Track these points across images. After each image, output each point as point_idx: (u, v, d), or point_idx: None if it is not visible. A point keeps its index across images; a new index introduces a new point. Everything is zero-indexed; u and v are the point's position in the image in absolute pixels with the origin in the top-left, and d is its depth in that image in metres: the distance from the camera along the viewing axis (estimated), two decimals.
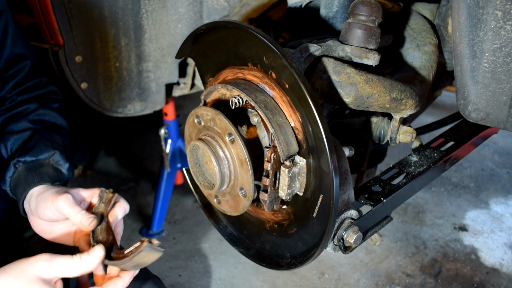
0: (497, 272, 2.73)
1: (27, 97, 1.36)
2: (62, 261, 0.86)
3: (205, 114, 0.94)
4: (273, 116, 0.88)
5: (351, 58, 1.03)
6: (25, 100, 1.36)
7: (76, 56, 1.80)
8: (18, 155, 1.25)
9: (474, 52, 0.94)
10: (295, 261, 0.98)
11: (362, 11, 1.01)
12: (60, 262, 0.86)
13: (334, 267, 2.75)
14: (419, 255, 2.88)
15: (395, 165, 1.24)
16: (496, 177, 3.79)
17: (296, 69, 0.80)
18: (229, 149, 0.91)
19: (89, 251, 0.90)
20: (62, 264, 0.86)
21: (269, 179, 0.89)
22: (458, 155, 1.35)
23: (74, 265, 0.87)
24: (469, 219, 3.26)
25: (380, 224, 1.08)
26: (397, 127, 1.16)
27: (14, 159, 1.25)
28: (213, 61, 1.04)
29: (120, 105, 2.04)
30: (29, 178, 1.21)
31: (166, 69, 2.06)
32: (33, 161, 1.25)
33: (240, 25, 0.88)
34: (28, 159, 1.24)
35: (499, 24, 0.88)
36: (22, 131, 1.30)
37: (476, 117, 1.01)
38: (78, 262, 0.88)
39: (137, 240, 0.89)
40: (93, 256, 0.89)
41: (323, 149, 0.80)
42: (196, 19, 1.95)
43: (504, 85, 0.93)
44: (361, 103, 1.02)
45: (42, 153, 1.26)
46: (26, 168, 1.23)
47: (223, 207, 1.03)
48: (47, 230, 1.10)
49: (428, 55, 1.23)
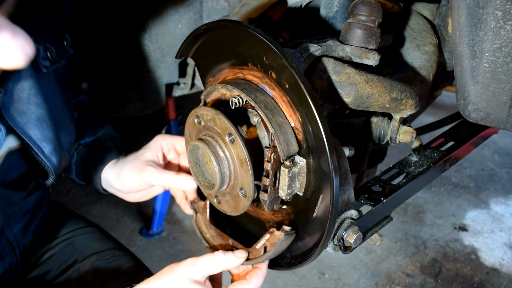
0: (497, 272, 2.73)
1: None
2: (206, 259, 0.94)
3: (205, 114, 0.94)
4: (273, 116, 0.88)
5: (351, 58, 1.03)
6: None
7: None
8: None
9: (474, 52, 0.94)
10: (295, 261, 0.98)
11: (362, 11, 1.01)
12: (204, 261, 0.94)
13: (334, 267, 2.75)
14: (419, 255, 2.88)
15: (395, 165, 1.24)
16: (496, 177, 3.79)
17: (296, 69, 0.80)
18: (229, 149, 0.91)
19: (235, 251, 0.98)
20: (207, 262, 0.94)
21: (269, 179, 0.89)
22: (458, 155, 1.35)
23: (218, 262, 0.95)
24: (469, 219, 3.26)
25: (380, 224, 1.08)
26: (397, 127, 1.16)
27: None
28: (213, 61, 1.04)
29: (120, 105, 2.04)
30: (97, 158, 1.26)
31: (166, 69, 2.06)
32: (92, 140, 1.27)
33: (240, 25, 0.88)
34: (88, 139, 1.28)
35: (499, 24, 0.88)
36: None
37: (476, 117, 1.01)
38: (222, 259, 0.95)
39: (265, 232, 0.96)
40: (238, 255, 0.97)
41: (323, 149, 0.80)
42: (196, 19, 1.95)
43: (504, 85, 0.93)
44: (361, 103, 1.02)
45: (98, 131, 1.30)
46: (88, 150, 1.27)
47: (223, 207, 1.03)
48: (142, 198, 1.23)
49: (428, 55, 1.23)
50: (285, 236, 0.92)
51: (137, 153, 1.21)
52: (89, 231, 1.42)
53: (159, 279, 0.92)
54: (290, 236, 0.93)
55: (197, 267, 0.92)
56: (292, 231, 0.93)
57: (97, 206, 3.49)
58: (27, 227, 1.17)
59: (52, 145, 1.04)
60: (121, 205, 3.46)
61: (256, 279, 0.97)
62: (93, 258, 1.31)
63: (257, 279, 0.97)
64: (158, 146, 1.20)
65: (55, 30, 1.09)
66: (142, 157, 1.18)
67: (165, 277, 0.92)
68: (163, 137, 1.21)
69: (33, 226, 1.20)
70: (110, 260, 1.31)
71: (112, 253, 1.35)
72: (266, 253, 0.95)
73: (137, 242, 3.04)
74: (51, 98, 1.07)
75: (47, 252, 1.33)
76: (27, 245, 1.19)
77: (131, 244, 3.00)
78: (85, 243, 1.36)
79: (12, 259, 1.14)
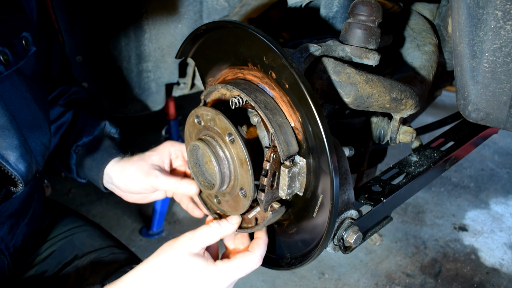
0: (497, 272, 2.73)
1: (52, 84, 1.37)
2: (203, 231, 0.96)
3: (205, 114, 0.94)
4: (273, 116, 0.88)
5: (351, 58, 1.03)
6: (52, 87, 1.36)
7: (76, 56, 1.80)
8: (73, 140, 1.26)
9: (474, 52, 0.94)
10: (295, 261, 0.98)
11: (362, 11, 1.01)
12: (201, 233, 0.96)
13: (334, 267, 2.75)
14: (419, 255, 2.88)
15: (395, 165, 1.24)
16: (496, 177, 3.79)
17: (296, 69, 0.80)
18: (229, 149, 0.91)
19: (228, 218, 1.00)
20: (204, 234, 0.96)
21: (266, 179, 0.89)
22: (458, 155, 1.35)
23: (214, 231, 0.97)
24: (469, 219, 3.26)
25: (380, 224, 1.08)
26: (397, 127, 1.16)
27: (71, 145, 1.25)
28: (213, 61, 1.04)
29: (120, 105, 2.04)
30: (97, 158, 1.26)
31: (166, 69, 2.06)
32: (90, 140, 1.27)
33: (240, 25, 0.88)
34: (85, 140, 1.27)
35: (499, 24, 0.88)
36: (59, 117, 1.31)
37: (476, 117, 1.01)
38: (218, 228, 0.98)
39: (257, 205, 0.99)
40: (232, 221, 1.00)
41: (323, 149, 0.80)
42: (196, 19, 1.95)
43: (504, 85, 0.93)
44: (361, 103, 1.02)
45: (95, 130, 1.28)
46: (87, 150, 1.27)
47: (223, 207, 1.03)
48: (141, 200, 1.23)
49: (428, 55, 1.23)
50: (273, 214, 0.95)
51: (143, 155, 1.21)
52: (88, 229, 1.42)
53: (159, 257, 0.92)
54: (278, 213, 0.96)
55: (195, 241, 0.94)
56: (281, 207, 0.95)
57: (97, 206, 3.49)
58: (14, 229, 1.16)
59: (18, 152, 1.00)
60: (121, 205, 3.46)
61: (259, 249, 0.98)
62: (92, 255, 1.31)
63: (259, 248, 0.98)
64: (167, 151, 1.21)
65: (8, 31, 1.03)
66: (149, 160, 1.18)
67: (164, 254, 0.93)
68: (172, 144, 1.21)
69: (22, 227, 1.18)
70: (109, 257, 1.31)
71: (111, 250, 1.35)
72: (257, 225, 0.99)
73: (137, 242, 3.04)
74: (16, 101, 1.03)
75: (46, 250, 1.33)
76: (17, 246, 1.18)
77: (131, 244, 3.00)
78: (84, 241, 1.36)
79: (2, 261, 1.13)
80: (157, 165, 1.18)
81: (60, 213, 1.47)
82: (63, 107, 1.33)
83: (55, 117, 1.32)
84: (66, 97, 1.37)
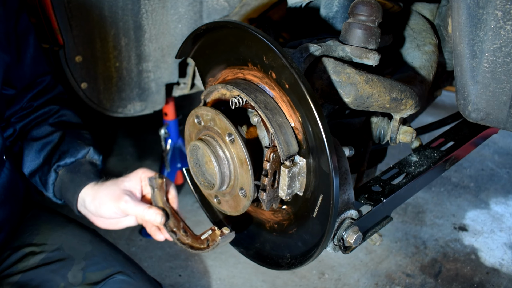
0: (497, 272, 2.73)
1: (42, 101, 1.37)
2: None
3: (205, 114, 0.94)
4: (273, 116, 0.88)
5: (351, 58, 1.03)
6: (41, 105, 1.37)
7: (76, 56, 1.80)
8: (55, 160, 1.26)
9: (474, 52, 0.94)
10: (295, 261, 0.98)
11: (362, 11, 1.01)
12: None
13: (334, 267, 2.75)
14: (419, 255, 2.88)
15: (395, 165, 1.24)
16: (496, 177, 3.79)
17: (296, 69, 0.80)
18: (229, 149, 0.91)
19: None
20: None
21: (267, 178, 0.89)
22: (458, 155, 1.35)
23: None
24: (469, 219, 3.26)
25: (380, 224, 1.08)
26: (397, 127, 1.16)
27: (52, 164, 1.26)
28: (213, 61, 1.04)
29: (120, 105, 2.04)
30: (76, 180, 1.26)
31: (166, 69, 2.06)
32: (72, 162, 1.27)
33: (240, 25, 0.88)
34: (68, 161, 1.27)
35: (499, 24, 0.88)
36: (47, 136, 1.31)
37: (476, 117, 1.01)
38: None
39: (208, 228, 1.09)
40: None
41: (323, 149, 0.80)
42: (196, 19, 1.95)
43: (504, 85, 0.93)
44: (361, 103, 1.02)
45: (79, 153, 1.29)
46: (67, 171, 1.27)
47: (223, 207, 1.03)
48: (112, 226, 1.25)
49: (428, 55, 1.23)
50: (222, 239, 1.03)
51: (116, 180, 1.22)
52: (79, 233, 1.38)
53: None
54: (227, 238, 1.04)
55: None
56: (231, 232, 1.03)
57: None
58: None
59: None
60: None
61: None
62: (83, 264, 1.28)
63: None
64: (138, 178, 1.22)
65: None
66: (122, 185, 1.20)
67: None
68: (144, 171, 1.23)
69: None
70: (102, 265, 1.29)
71: (103, 256, 1.32)
72: (208, 248, 1.07)
73: (137, 242, 3.04)
74: None
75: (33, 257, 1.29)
76: None
77: (131, 244, 3.00)
78: (74, 247, 1.32)
79: None
80: (129, 191, 1.19)
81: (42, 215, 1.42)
82: (52, 127, 1.33)
83: (43, 135, 1.32)
84: (56, 117, 1.37)
